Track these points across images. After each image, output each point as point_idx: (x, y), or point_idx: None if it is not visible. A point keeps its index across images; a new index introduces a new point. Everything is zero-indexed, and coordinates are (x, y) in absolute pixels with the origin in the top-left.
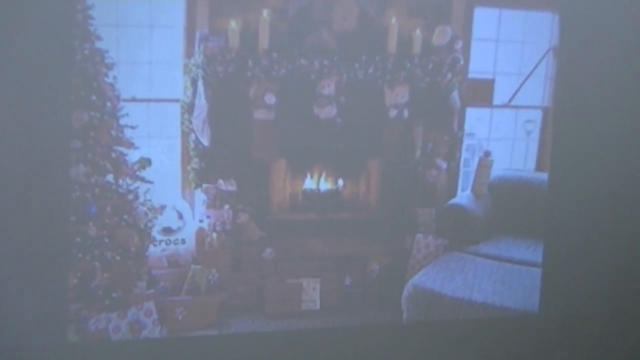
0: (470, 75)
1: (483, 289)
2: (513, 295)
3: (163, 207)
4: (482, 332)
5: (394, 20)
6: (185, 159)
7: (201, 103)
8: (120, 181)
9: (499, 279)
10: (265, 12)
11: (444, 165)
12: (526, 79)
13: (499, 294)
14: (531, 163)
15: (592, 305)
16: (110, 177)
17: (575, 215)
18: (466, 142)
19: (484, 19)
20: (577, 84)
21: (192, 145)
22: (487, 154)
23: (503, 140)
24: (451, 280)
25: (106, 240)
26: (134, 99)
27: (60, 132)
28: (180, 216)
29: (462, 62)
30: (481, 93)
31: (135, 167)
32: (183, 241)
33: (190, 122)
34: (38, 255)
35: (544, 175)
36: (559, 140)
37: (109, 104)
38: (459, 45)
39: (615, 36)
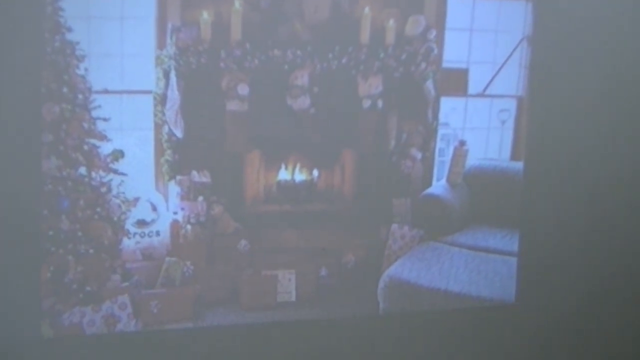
0: (444, 65)
1: (459, 279)
2: (489, 285)
3: (137, 200)
4: (459, 322)
5: (367, 10)
6: (159, 151)
7: (174, 95)
8: (93, 174)
9: (475, 269)
10: (237, 3)
11: (418, 155)
12: (500, 68)
13: (475, 283)
14: (506, 152)
15: (569, 294)
16: (82, 170)
17: (550, 205)
18: (441, 131)
19: (457, 8)
20: (551, 73)
21: (165, 137)
22: (462, 143)
23: (478, 129)
24: (427, 270)
25: (79, 233)
26: (106, 91)
27: (31, 125)
28: (154, 208)
29: (436, 51)
30: (455, 82)
31: (108, 160)
32: (157, 233)
33: (163, 114)
34: (10, 250)
35: (519, 164)
36: (533, 129)
37: (80, 96)
38: (432, 34)
39: (589, 24)
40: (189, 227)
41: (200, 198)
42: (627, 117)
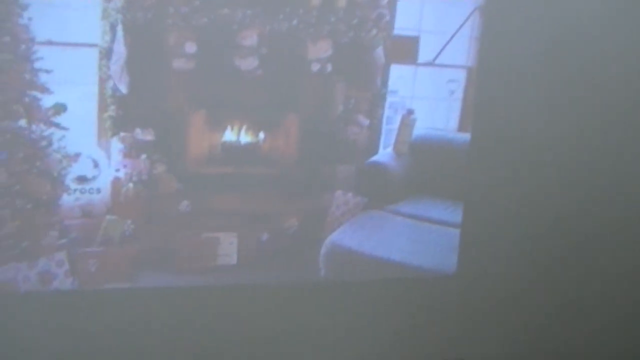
0: (396, 32)
1: (401, 248)
2: (431, 256)
3: (78, 155)
4: (399, 291)
5: None
6: (102, 106)
7: (120, 49)
8: (34, 127)
9: (417, 239)
10: None
11: (365, 122)
12: (451, 37)
13: (417, 253)
14: (453, 123)
15: (508, 267)
16: (22, 122)
17: (495, 177)
18: (389, 99)
19: None
20: (502, 45)
21: (109, 92)
22: (410, 112)
23: (426, 99)
24: (369, 238)
25: (17, 187)
26: (49, 42)
27: None
28: (96, 165)
29: (387, 17)
30: (406, 50)
31: (50, 113)
32: (98, 190)
33: (108, 69)
34: None
35: (465, 136)
36: (481, 101)
37: (22, 46)
38: (384, 0)
39: None
40: (130, 185)
41: (143, 156)
42: (574, 91)
